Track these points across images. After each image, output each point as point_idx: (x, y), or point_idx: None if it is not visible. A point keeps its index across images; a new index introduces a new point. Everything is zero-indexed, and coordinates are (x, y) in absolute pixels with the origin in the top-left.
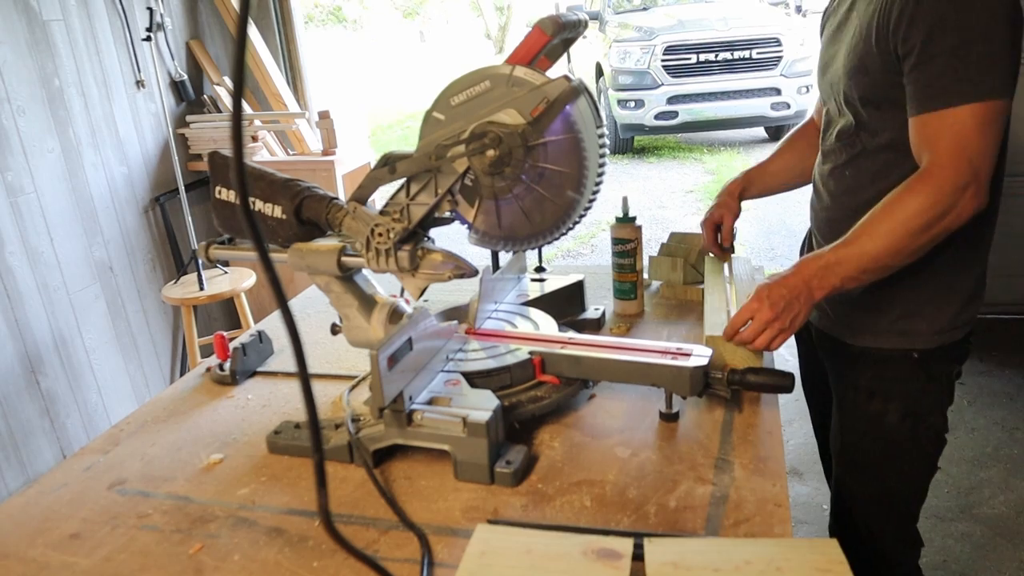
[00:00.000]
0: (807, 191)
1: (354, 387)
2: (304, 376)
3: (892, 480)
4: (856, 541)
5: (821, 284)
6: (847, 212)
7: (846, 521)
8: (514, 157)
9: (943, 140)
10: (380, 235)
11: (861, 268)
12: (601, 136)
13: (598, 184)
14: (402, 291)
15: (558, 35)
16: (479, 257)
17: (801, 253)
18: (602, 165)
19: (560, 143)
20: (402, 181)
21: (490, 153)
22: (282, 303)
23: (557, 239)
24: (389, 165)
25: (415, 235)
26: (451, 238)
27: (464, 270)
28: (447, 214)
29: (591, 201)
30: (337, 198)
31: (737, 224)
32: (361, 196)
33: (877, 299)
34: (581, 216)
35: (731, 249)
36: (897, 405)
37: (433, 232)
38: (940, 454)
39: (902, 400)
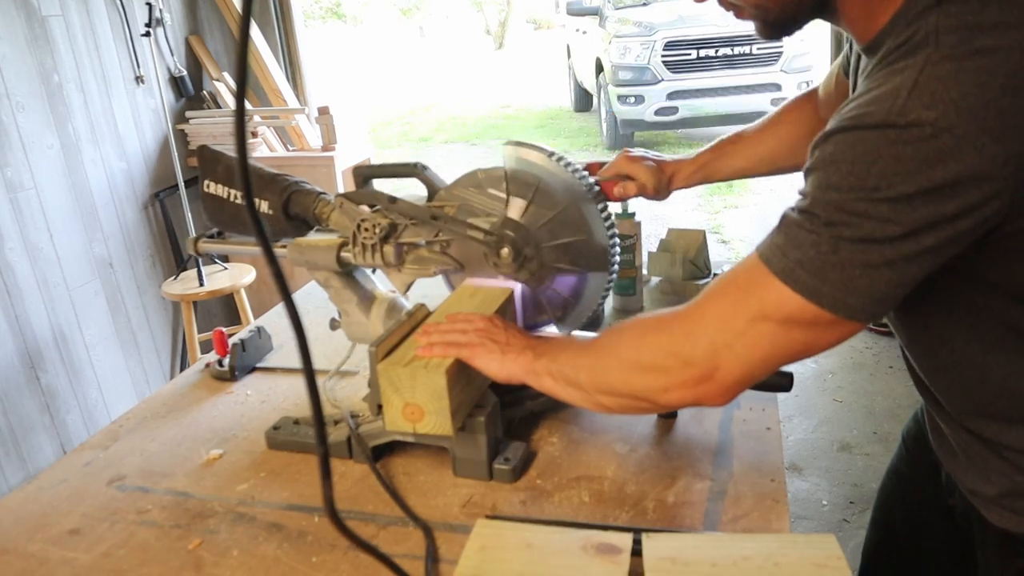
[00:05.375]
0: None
1: (330, 377)
2: (308, 368)
3: None
4: None
5: (532, 361)
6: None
7: None
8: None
9: (719, 286)
10: (366, 230)
11: (561, 374)
12: (612, 238)
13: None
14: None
15: None
16: None
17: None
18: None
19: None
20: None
21: (504, 252)
22: (285, 295)
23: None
24: (390, 197)
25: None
26: None
27: (449, 266)
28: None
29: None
30: (325, 193)
31: (733, 218)
32: (351, 196)
33: (984, 459)
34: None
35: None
36: None
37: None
38: None
39: None
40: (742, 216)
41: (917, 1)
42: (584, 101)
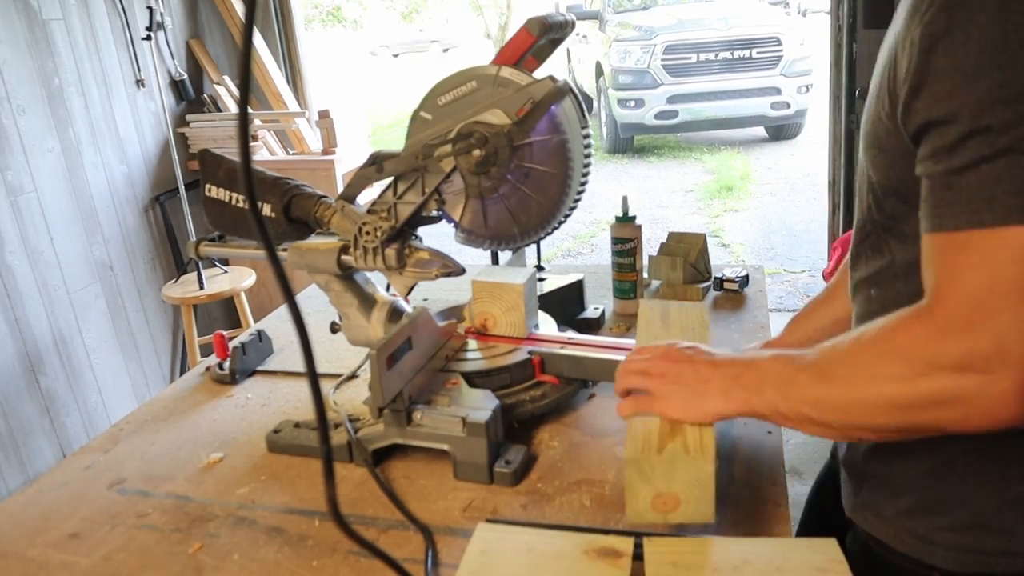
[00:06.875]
0: (806, 190)
1: (339, 385)
2: (311, 368)
3: None
4: None
5: (747, 400)
6: None
7: None
8: (500, 157)
9: (958, 273)
10: (368, 233)
11: (798, 414)
12: (586, 137)
13: (583, 184)
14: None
15: (545, 36)
16: (480, 257)
17: None
18: (587, 166)
19: (545, 143)
20: (390, 180)
21: (476, 153)
22: (289, 298)
23: (542, 238)
24: (377, 164)
25: (402, 233)
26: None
27: (451, 268)
28: (434, 213)
29: (576, 201)
30: (326, 196)
31: (733, 221)
32: (349, 195)
33: (889, 465)
34: (566, 216)
35: None
36: None
37: (431, 233)
38: None
39: None
40: (742, 220)
41: None
42: (583, 105)
